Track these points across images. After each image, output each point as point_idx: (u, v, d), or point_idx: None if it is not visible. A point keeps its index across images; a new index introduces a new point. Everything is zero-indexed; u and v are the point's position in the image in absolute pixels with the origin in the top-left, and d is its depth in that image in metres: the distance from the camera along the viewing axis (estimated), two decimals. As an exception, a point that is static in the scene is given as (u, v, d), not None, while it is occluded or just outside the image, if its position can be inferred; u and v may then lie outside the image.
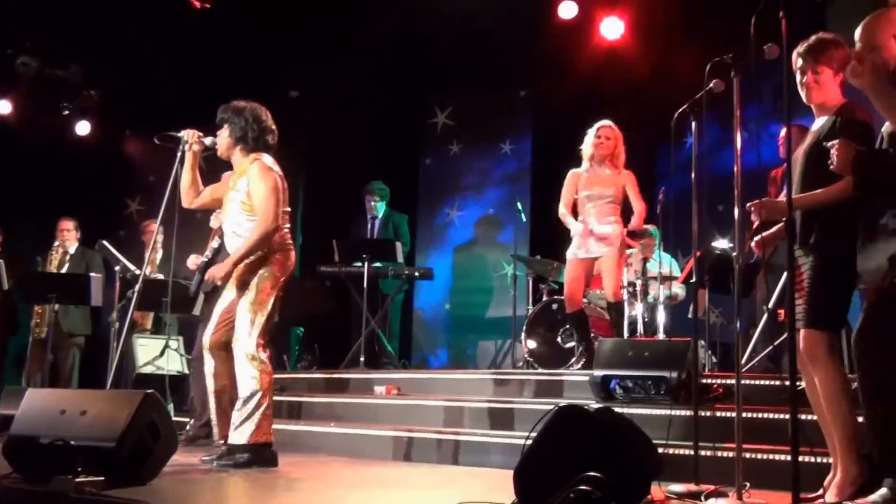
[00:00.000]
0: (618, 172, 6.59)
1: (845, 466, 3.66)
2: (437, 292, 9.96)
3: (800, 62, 3.85)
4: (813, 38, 3.86)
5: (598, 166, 6.59)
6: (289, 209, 5.07)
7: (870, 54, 3.46)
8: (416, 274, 8.76)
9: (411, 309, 10.00)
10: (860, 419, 3.53)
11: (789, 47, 3.33)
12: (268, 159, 4.99)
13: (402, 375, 7.42)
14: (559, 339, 7.25)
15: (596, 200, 6.56)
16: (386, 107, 9.92)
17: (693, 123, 4.31)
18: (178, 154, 5.07)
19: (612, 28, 9.03)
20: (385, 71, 9.56)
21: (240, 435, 4.78)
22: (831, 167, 3.46)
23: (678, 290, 7.80)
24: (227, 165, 5.19)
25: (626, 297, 7.14)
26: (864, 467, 3.63)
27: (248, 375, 4.79)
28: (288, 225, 5.03)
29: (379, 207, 8.87)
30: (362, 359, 7.75)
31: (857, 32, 3.61)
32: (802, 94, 3.86)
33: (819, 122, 3.87)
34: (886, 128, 3.50)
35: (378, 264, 8.28)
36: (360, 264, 8.09)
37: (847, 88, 3.76)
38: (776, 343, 6.17)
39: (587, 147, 6.64)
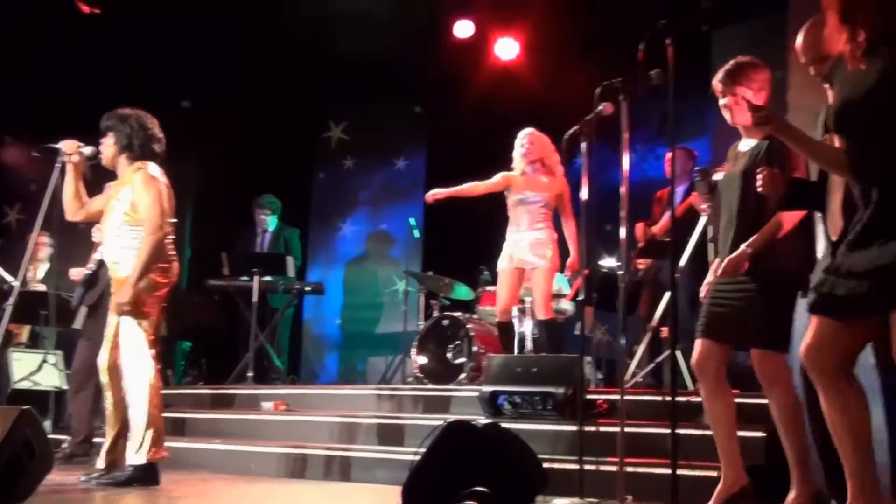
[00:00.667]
0: (554, 179, 6.54)
1: (798, 486, 3.79)
2: (328, 307, 9.89)
3: (719, 87, 3.97)
4: (731, 62, 3.98)
5: (533, 172, 6.55)
6: (174, 220, 4.95)
7: (819, 65, 3.52)
8: (307, 288, 8.68)
9: (301, 324, 9.90)
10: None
11: (675, 72, 3.44)
12: (153, 168, 4.86)
13: (291, 391, 7.33)
14: (449, 354, 7.27)
15: (529, 205, 6.51)
16: (280, 120, 9.81)
17: (583, 144, 4.39)
18: (58, 166, 4.90)
19: (506, 48, 9.17)
20: (280, 84, 9.47)
21: (127, 454, 4.67)
22: (761, 190, 3.52)
23: (567, 306, 7.93)
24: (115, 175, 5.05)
25: (515, 313, 7.21)
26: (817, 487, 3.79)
27: (135, 391, 4.67)
28: (172, 236, 4.91)
29: (270, 221, 8.77)
30: (250, 374, 7.63)
31: (799, 44, 3.59)
32: (726, 116, 3.96)
33: (749, 144, 3.94)
34: None
35: (268, 278, 8.18)
36: (248, 278, 7.97)
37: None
38: (658, 360, 6.35)
39: (516, 157, 6.61)
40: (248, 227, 8.91)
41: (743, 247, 3.74)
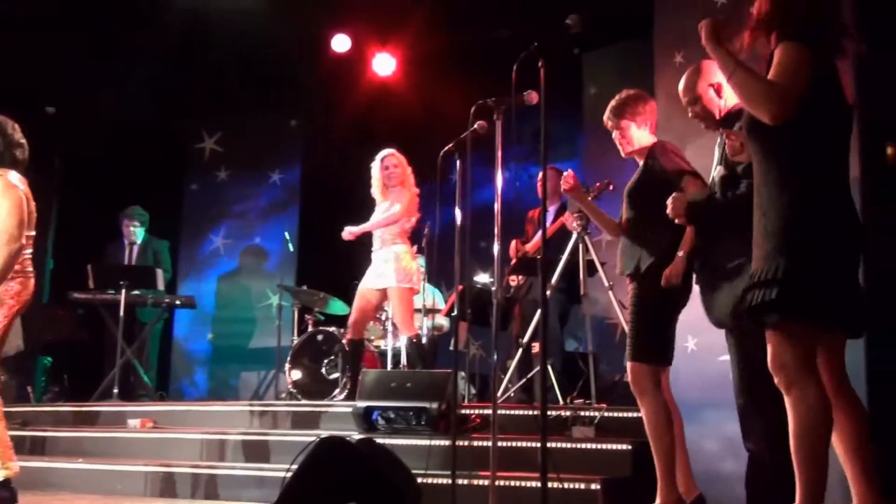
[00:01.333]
0: (400, 191, 6.55)
1: (663, 495, 3.92)
2: (199, 321, 9.66)
3: (608, 123, 4.19)
4: (616, 98, 4.19)
5: (388, 191, 6.58)
6: (33, 233, 4.72)
7: (694, 106, 3.74)
8: (178, 302, 8.47)
9: (171, 338, 9.64)
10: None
11: (547, 93, 3.52)
12: (13, 176, 4.64)
13: (159, 408, 7.13)
14: (323, 370, 7.23)
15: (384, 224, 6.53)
16: (151, 129, 9.56)
17: (458, 162, 4.45)
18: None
19: (384, 64, 9.20)
20: (151, 91, 9.23)
21: None
22: (669, 214, 3.68)
23: (442, 321, 7.99)
24: None
25: (390, 328, 7.22)
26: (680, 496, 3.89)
27: None
28: (30, 250, 4.68)
29: (138, 233, 8.54)
30: (116, 390, 7.40)
31: (680, 89, 3.88)
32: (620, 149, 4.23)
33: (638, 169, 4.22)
34: (717, 172, 3.70)
35: (136, 292, 7.96)
36: (115, 291, 7.74)
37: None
38: (530, 375, 6.46)
39: (375, 180, 6.62)
40: (115, 239, 8.65)
41: (679, 254, 3.92)
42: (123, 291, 7.69)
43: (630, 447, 4.60)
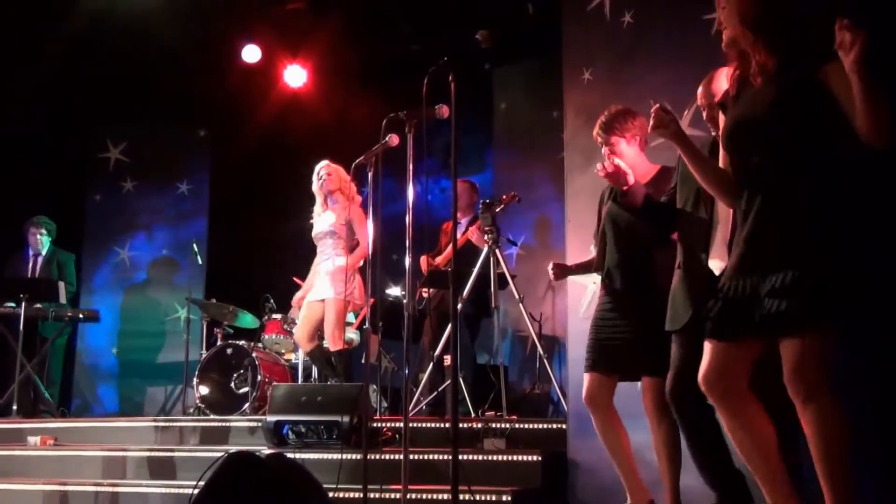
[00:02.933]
0: (345, 205, 6.49)
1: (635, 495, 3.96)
2: (104, 335, 9.41)
3: (599, 140, 4.10)
4: (604, 114, 4.10)
5: (329, 204, 6.51)
6: None
7: (712, 110, 3.62)
8: (81, 316, 8.24)
9: (74, 353, 9.37)
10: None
11: (458, 107, 3.55)
12: None
13: (61, 424, 6.91)
14: (233, 384, 7.12)
15: (321, 239, 6.47)
16: (52, 137, 9.30)
17: (370, 174, 4.45)
18: None
19: (295, 75, 9.15)
20: (53, 99, 8.98)
21: None
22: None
23: (353, 335, 7.96)
24: None
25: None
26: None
27: None
28: None
29: (44, 242, 8.30)
30: (14, 407, 7.15)
31: (699, 91, 3.75)
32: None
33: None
34: None
35: (38, 305, 7.72)
36: (15, 304, 7.50)
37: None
38: (441, 388, 6.49)
39: (315, 191, 6.56)
40: (17, 250, 8.38)
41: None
42: (24, 304, 7.46)
43: (540, 458, 4.66)
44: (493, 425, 5.19)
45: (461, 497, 3.33)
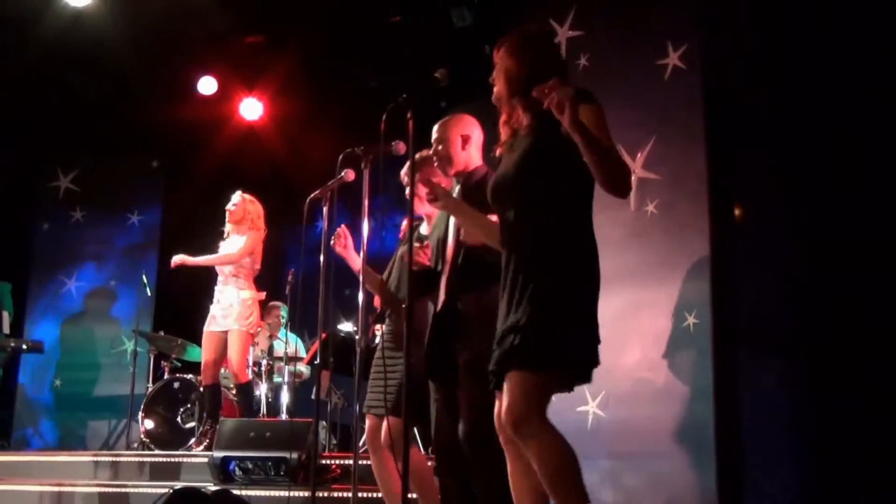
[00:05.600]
0: (249, 235, 6.57)
1: None
2: (46, 367, 9.21)
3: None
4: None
5: (234, 233, 6.62)
6: None
7: (438, 145, 3.81)
8: (24, 347, 8.07)
9: (15, 385, 9.15)
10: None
11: (415, 144, 3.57)
12: None
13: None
14: (179, 418, 7.00)
15: (222, 266, 6.54)
16: (1, 164, 9.15)
17: (324, 208, 4.44)
18: None
19: (250, 109, 9.13)
20: (3, 126, 8.85)
21: None
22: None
23: (303, 369, 7.90)
24: None
25: (251, 376, 7.08)
26: None
27: None
28: None
29: (-16, 272, 8.15)
30: (-48, 440, 6.98)
31: (435, 128, 3.96)
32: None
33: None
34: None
35: (-23, 335, 7.57)
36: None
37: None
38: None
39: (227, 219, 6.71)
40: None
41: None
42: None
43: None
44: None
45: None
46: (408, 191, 3.97)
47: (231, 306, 6.41)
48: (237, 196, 6.76)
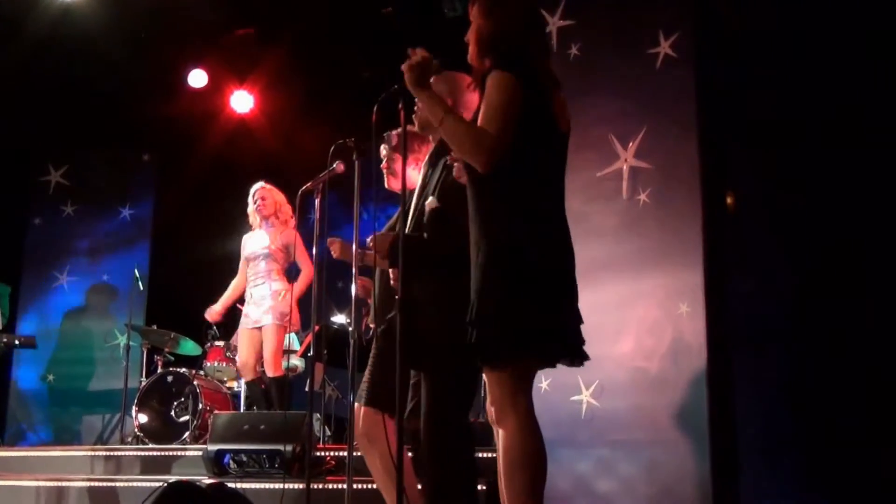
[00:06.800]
0: (282, 229, 6.49)
1: None
2: (40, 362, 9.20)
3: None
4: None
5: (264, 227, 6.54)
6: None
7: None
8: (17, 342, 8.05)
9: (8, 380, 9.14)
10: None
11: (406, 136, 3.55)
12: None
13: (-6, 454, 6.75)
14: (173, 412, 7.00)
15: (252, 261, 6.46)
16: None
17: (317, 200, 4.43)
18: None
19: (241, 101, 9.10)
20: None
21: None
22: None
23: (297, 362, 7.88)
24: None
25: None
26: None
27: None
28: None
29: (-23, 268, 8.13)
30: (-55, 436, 6.97)
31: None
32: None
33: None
34: (431, 203, 3.64)
35: (-30, 331, 7.55)
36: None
37: None
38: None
39: (251, 214, 6.59)
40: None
41: None
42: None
43: (484, 487, 4.63)
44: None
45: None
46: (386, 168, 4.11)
47: (263, 298, 6.35)
48: (263, 187, 6.59)
